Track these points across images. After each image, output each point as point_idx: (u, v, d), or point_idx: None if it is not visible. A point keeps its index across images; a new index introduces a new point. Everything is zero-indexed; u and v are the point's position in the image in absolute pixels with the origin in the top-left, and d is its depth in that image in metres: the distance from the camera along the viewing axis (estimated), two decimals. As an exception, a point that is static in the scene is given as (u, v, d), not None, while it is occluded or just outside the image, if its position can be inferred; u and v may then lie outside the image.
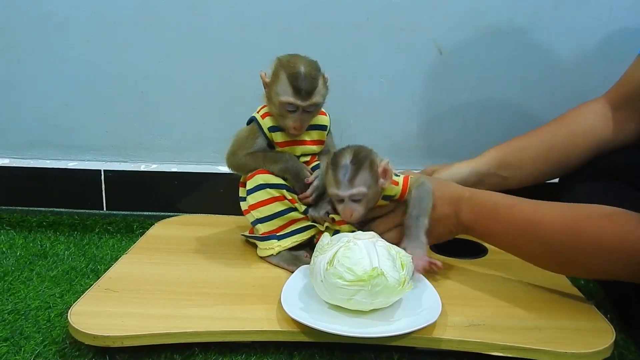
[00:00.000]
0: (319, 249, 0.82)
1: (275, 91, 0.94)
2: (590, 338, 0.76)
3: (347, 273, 0.75)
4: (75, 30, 1.24)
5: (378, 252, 0.79)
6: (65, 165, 1.30)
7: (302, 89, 0.92)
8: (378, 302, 0.78)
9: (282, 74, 0.94)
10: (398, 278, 0.77)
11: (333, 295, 0.78)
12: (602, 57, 1.22)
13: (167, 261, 1.00)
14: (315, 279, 0.80)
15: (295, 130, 0.96)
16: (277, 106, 0.95)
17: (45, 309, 0.91)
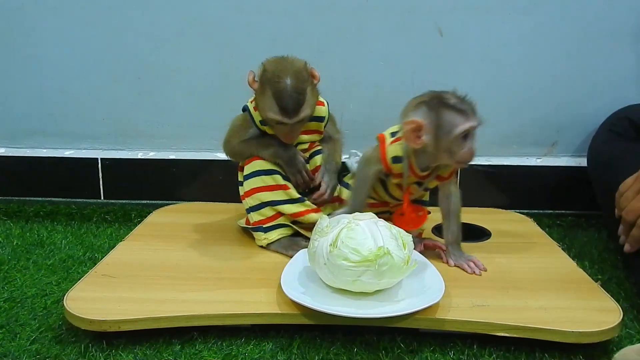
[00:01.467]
0: (317, 231, 0.80)
1: (262, 106, 0.92)
2: (597, 317, 0.75)
3: (352, 254, 0.74)
4: (71, 16, 1.22)
5: (381, 231, 0.77)
6: (62, 154, 1.28)
7: (288, 108, 0.89)
8: (384, 282, 0.76)
9: (267, 90, 0.90)
10: (402, 257, 0.75)
11: (338, 277, 0.76)
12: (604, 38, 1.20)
13: (165, 247, 0.99)
14: (317, 263, 0.78)
15: (286, 140, 0.95)
16: (265, 118, 0.94)
17: (42, 297, 0.89)
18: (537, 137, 1.25)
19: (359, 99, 1.24)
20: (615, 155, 1.04)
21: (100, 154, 1.27)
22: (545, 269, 0.90)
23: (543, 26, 1.19)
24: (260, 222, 0.97)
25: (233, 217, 1.13)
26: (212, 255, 0.96)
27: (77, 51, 1.23)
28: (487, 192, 1.25)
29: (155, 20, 1.21)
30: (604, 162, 1.06)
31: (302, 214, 0.95)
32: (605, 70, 1.21)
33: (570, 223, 1.22)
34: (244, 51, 0.99)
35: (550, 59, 1.21)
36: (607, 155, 1.06)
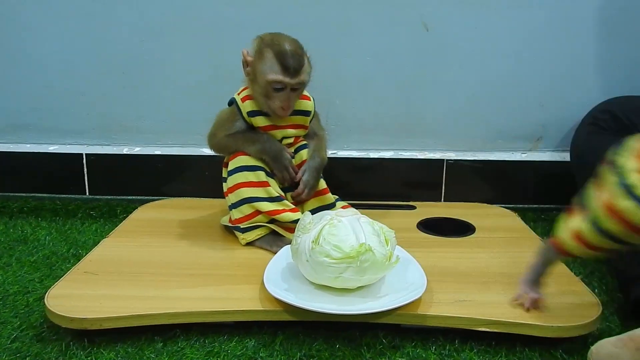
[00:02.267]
0: (300, 228, 0.80)
1: (261, 70, 0.92)
2: (576, 311, 0.75)
3: (334, 251, 0.74)
4: (55, 9, 1.20)
5: (363, 228, 0.77)
6: (46, 149, 1.27)
7: (290, 66, 0.90)
8: (366, 279, 0.76)
9: (267, 52, 0.91)
10: (385, 253, 0.76)
11: (320, 274, 0.76)
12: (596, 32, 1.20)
13: (149, 244, 0.99)
14: (299, 259, 0.78)
15: (283, 110, 0.93)
16: (262, 86, 0.93)
17: (24, 294, 0.89)
18: (523, 132, 1.25)
19: (345, 94, 1.23)
20: (598, 149, 1.04)
21: (85, 149, 1.26)
22: (527, 263, 0.90)
23: (529, 21, 1.20)
24: (239, 221, 0.96)
25: (218, 213, 1.12)
26: (196, 252, 0.96)
27: (61, 45, 1.22)
28: (472, 186, 1.25)
29: (140, 13, 1.20)
30: (587, 156, 1.07)
31: (279, 212, 0.95)
32: (591, 65, 1.22)
33: (554, 217, 1.21)
34: (230, 45, 0.98)
35: (536, 54, 1.21)
36: (589, 148, 1.07)
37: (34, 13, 1.21)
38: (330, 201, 1.03)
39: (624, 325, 0.81)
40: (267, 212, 0.94)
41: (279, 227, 0.96)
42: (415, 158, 1.24)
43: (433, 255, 0.93)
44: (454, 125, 1.25)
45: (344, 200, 1.11)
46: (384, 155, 1.25)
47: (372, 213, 1.09)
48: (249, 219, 0.96)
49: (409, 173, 1.25)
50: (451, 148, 1.26)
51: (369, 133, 1.25)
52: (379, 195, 1.24)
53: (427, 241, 1.01)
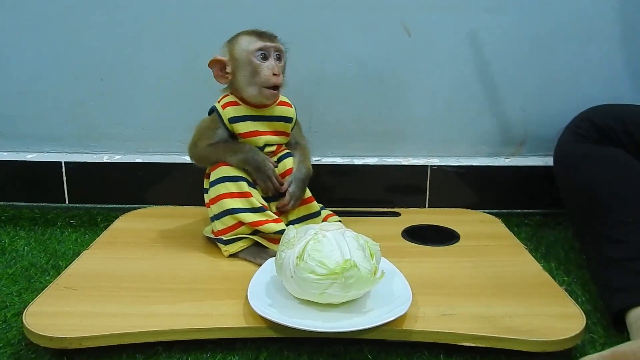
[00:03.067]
0: (284, 243, 0.79)
1: (240, 49, 0.95)
2: (560, 324, 0.75)
3: (318, 267, 0.73)
4: (29, 15, 1.17)
5: (348, 242, 0.76)
6: (24, 157, 1.24)
7: (265, 33, 0.96)
8: (351, 294, 0.76)
9: (239, 36, 0.96)
10: (369, 268, 0.75)
11: (304, 290, 0.75)
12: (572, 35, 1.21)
13: (130, 256, 0.97)
14: (284, 275, 0.77)
15: (275, 77, 0.93)
16: (247, 63, 0.94)
17: (2, 309, 0.87)
18: (506, 137, 1.26)
19: (328, 99, 1.22)
20: (579, 157, 1.05)
21: (63, 157, 1.24)
22: (511, 273, 0.91)
23: (510, 25, 1.19)
24: (221, 232, 0.95)
25: (201, 222, 1.11)
26: (179, 264, 0.94)
27: (36, 51, 1.19)
28: (456, 192, 1.25)
29: (117, 19, 1.18)
30: (568, 164, 1.08)
31: (262, 223, 0.94)
32: (572, 70, 1.22)
33: (537, 222, 1.23)
34: (208, 50, 0.97)
35: (518, 58, 1.21)
36: (571, 157, 1.08)
37: (8, 19, 1.17)
38: (315, 209, 1.03)
39: (607, 334, 0.81)
40: (250, 223, 0.93)
41: (262, 239, 0.95)
42: (399, 164, 1.24)
43: (418, 265, 0.93)
44: (438, 131, 1.25)
45: (329, 208, 1.10)
46: (368, 162, 1.24)
47: (356, 220, 1.11)
48: (231, 231, 0.94)
49: (393, 179, 1.24)
50: (435, 154, 1.25)
51: (353, 139, 1.25)
52: (364, 201, 1.24)
53: (412, 250, 1.00)
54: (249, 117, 0.97)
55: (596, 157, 1.00)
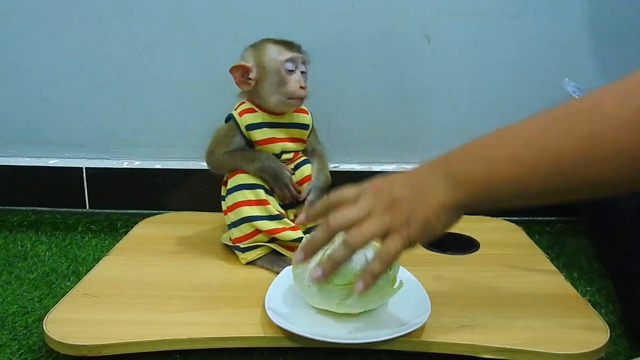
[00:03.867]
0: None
1: (269, 58, 0.94)
2: (583, 337, 0.74)
3: (336, 277, 0.72)
4: (52, 22, 1.19)
5: (366, 252, 0.75)
6: (46, 163, 1.26)
7: (293, 43, 0.95)
8: (369, 305, 0.75)
9: (266, 44, 0.95)
10: (388, 278, 0.74)
11: (322, 300, 0.75)
12: (594, 42, 1.18)
13: (150, 262, 0.97)
14: (301, 283, 0.77)
15: (302, 89, 0.94)
16: (274, 73, 0.94)
17: (23, 315, 0.88)
18: (527, 143, 1.24)
19: (346, 107, 1.22)
20: None
21: (84, 163, 1.25)
22: (533, 283, 0.89)
23: (532, 30, 1.18)
24: (239, 240, 0.95)
25: (219, 228, 1.11)
26: (197, 272, 0.94)
27: (59, 59, 1.21)
28: (476, 199, 1.23)
29: (138, 27, 1.19)
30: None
31: (279, 231, 0.93)
32: (596, 76, 1.20)
33: (559, 230, 1.21)
34: (228, 57, 0.98)
35: (539, 63, 1.19)
36: None
37: (31, 27, 1.19)
38: None
39: (632, 347, 0.79)
40: (267, 230, 0.93)
41: (279, 246, 0.95)
42: (418, 171, 1.23)
43: (437, 274, 0.92)
44: (456, 137, 1.21)
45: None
46: (386, 168, 1.24)
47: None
48: (248, 238, 0.94)
49: (411, 186, 1.23)
50: (454, 161, 1.24)
51: (371, 146, 1.24)
52: (382, 208, 1.23)
53: (430, 259, 0.99)
54: (265, 124, 0.97)
55: None
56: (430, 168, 0.66)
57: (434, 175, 0.65)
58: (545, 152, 0.58)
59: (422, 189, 0.64)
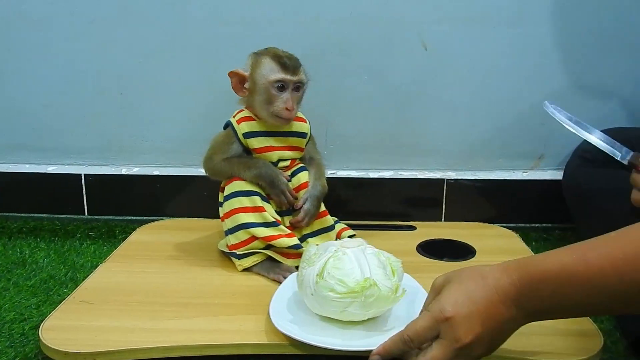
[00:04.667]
0: (305, 259, 0.79)
1: (260, 75, 0.94)
2: (577, 344, 0.74)
3: (338, 285, 0.73)
4: (53, 30, 1.20)
5: (368, 260, 0.76)
6: (45, 170, 1.26)
7: (288, 65, 0.93)
8: (371, 313, 0.75)
9: (264, 58, 0.94)
10: (390, 286, 0.74)
11: (324, 308, 0.75)
12: (592, 50, 1.19)
13: (146, 269, 0.98)
14: (304, 292, 0.77)
15: (287, 111, 0.93)
16: (264, 90, 0.94)
17: (20, 322, 0.88)
18: (523, 150, 1.24)
19: (343, 114, 1.22)
20: (585, 182, 1.05)
21: (84, 170, 1.26)
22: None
23: (529, 38, 1.18)
24: (235, 247, 0.96)
25: (216, 235, 1.12)
26: (193, 279, 0.95)
27: (60, 65, 1.22)
28: (473, 206, 1.24)
29: (137, 34, 1.20)
30: (576, 188, 1.08)
31: (275, 237, 0.94)
32: (593, 83, 1.20)
33: (557, 237, 1.21)
34: (228, 64, 0.98)
35: (537, 71, 1.20)
36: (577, 181, 1.07)
37: (32, 35, 1.20)
38: (329, 224, 1.03)
39: (626, 354, 0.79)
40: (263, 237, 0.94)
41: (275, 253, 0.95)
42: (415, 178, 1.23)
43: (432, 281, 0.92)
44: (454, 144, 1.24)
45: (344, 221, 1.10)
46: (383, 175, 1.24)
47: (371, 234, 1.10)
48: (245, 245, 0.95)
49: (409, 193, 1.24)
50: (451, 167, 1.24)
51: (369, 152, 1.24)
52: (379, 215, 1.23)
53: (427, 266, 1.00)
54: (263, 132, 0.97)
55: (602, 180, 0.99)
56: (512, 310, 0.63)
57: (515, 322, 0.64)
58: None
59: (500, 339, 0.65)
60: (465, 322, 0.61)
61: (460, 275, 0.65)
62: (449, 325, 0.62)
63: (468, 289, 0.63)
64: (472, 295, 0.62)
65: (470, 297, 0.62)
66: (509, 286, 0.62)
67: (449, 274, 0.67)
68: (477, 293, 0.62)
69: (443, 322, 0.62)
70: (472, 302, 0.62)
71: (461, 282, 0.64)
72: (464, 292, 0.63)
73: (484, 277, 0.63)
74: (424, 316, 0.64)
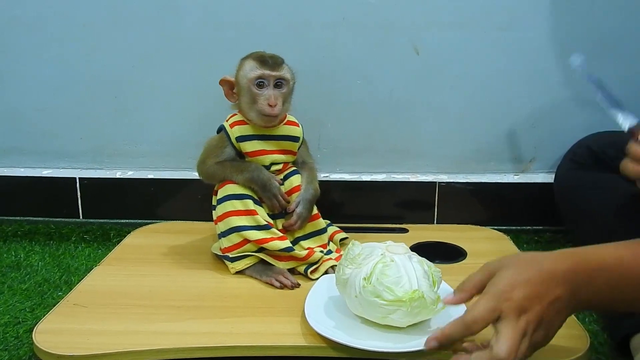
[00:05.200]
0: (349, 259, 0.79)
1: (242, 76, 0.96)
2: (564, 344, 0.75)
3: (386, 292, 0.73)
4: (46, 33, 1.21)
5: (415, 269, 0.76)
6: (40, 173, 1.27)
7: (267, 60, 0.95)
8: (413, 321, 0.76)
9: (246, 60, 0.97)
10: (433, 297, 0.75)
11: (368, 311, 0.76)
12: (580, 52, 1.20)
13: (141, 272, 0.99)
14: (347, 292, 0.78)
15: (270, 108, 0.94)
16: (246, 90, 0.95)
17: (14, 325, 0.89)
18: (515, 153, 1.25)
19: (336, 118, 1.23)
20: (575, 184, 1.06)
21: (78, 173, 1.26)
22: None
23: (519, 42, 1.19)
24: (228, 250, 0.97)
25: (210, 238, 1.13)
26: (187, 281, 0.95)
27: (54, 69, 1.23)
28: (465, 208, 1.25)
29: (131, 37, 1.20)
30: (567, 191, 1.09)
31: (267, 240, 0.94)
32: (583, 87, 1.21)
33: (548, 239, 1.22)
34: (221, 68, 1.00)
35: (527, 75, 1.21)
36: (568, 184, 1.09)
37: (26, 38, 1.21)
38: (322, 226, 1.03)
39: (614, 356, 0.80)
40: (255, 240, 0.94)
41: (268, 256, 0.96)
42: (407, 181, 1.24)
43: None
44: (446, 148, 1.25)
45: (337, 224, 1.11)
46: (376, 178, 1.25)
47: (364, 236, 1.11)
48: (237, 248, 0.96)
49: (401, 195, 1.25)
50: (443, 170, 1.26)
51: (361, 156, 1.26)
52: (372, 217, 1.24)
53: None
54: (255, 136, 0.98)
55: (592, 183, 1.01)
56: (567, 295, 0.64)
57: (568, 308, 0.65)
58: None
59: (556, 324, 0.66)
60: (526, 302, 0.61)
61: (516, 260, 0.66)
62: (512, 306, 0.61)
63: (526, 272, 0.63)
64: (530, 278, 0.63)
65: (529, 279, 0.63)
66: (565, 272, 0.63)
67: (503, 259, 0.67)
68: (535, 276, 0.63)
69: (505, 302, 0.62)
70: (531, 284, 0.62)
71: (517, 266, 0.65)
72: (521, 274, 0.63)
73: (540, 262, 0.64)
74: (484, 299, 0.63)
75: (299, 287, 0.92)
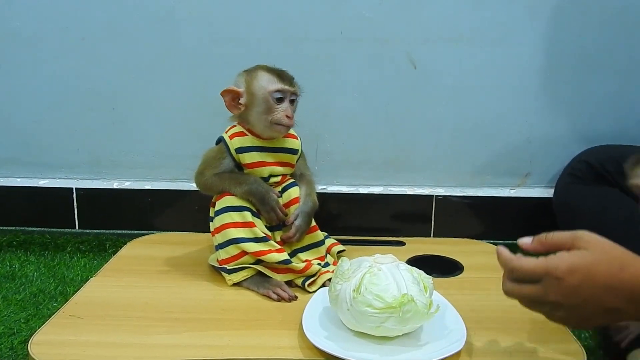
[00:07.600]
0: (339, 275, 0.80)
1: (259, 86, 0.96)
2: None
3: (375, 300, 0.74)
4: (45, 46, 1.21)
5: (403, 276, 0.77)
6: (36, 184, 1.27)
7: (286, 75, 0.97)
8: (407, 328, 0.77)
9: (259, 71, 0.97)
10: (425, 302, 0.76)
11: (361, 323, 0.77)
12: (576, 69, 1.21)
13: (137, 284, 0.98)
14: (339, 307, 0.78)
15: (288, 119, 0.96)
16: (263, 101, 0.95)
17: (9, 336, 0.88)
18: (511, 168, 1.26)
19: (333, 131, 1.24)
20: (575, 199, 1.07)
21: (75, 184, 1.26)
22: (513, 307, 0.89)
23: (515, 57, 1.21)
24: (225, 261, 0.97)
25: (206, 249, 1.12)
26: (183, 293, 0.95)
27: (51, 81, 1.23)
28: (462, 222, 1.25)
29: (128, 50, 1.21)
30: (566, 205, 1.09)
31: (265, 253, 0.94)
32: (578, 102, 1.23)
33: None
34: (217, 81, 1.00)
35: (523, 89, 1.22)
36: (568, 198, 1.09)
37: (24, 51, 1.22)
38: (319, 238, 1.04)
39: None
40: (253, 252, 0.94)
41: (265, 268, 0.96)
42: (404, 194, 1.25)
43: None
44: (442, 161, 1.26)
45: (334, 236, 1.12)
46: (373, 191, 1.26)
47: (361, 249, 1.12)
48: (235, 260, 0.96)
49: (398, 208, 1.25)
50: (440, 184, 1.26)
51: (358, 168, 1.26)
52: (369, 230, 1.24)
53: (414, 281, 1.00)
54: (255, 147, 0.98)
55: (591, 197, 1.01)
56: (624, 304, 0.61)
57: (620, 314, 0.63)
58: None
59: (594, 322, 0.66)
60: (569, 291, 0.60)
61: (600, 249, 0.62)
62: (554, 284, 0.61)
63: (597, 268, 0.60)
64: (596, 276, 0.60)
65: (593, 276, 0.60)
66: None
67: (596, 241, 0.62)
68: (603, 276, 0.60)
69: (551, 277, 0.61)
70: (591, 280, 0.60)
71: (595, 254, 0.61)
72: (590, 265, 0.60)
73: (622, 269, 0.60)
74: (539, 262, 0.63)
75: (297, 300, 0.92)
